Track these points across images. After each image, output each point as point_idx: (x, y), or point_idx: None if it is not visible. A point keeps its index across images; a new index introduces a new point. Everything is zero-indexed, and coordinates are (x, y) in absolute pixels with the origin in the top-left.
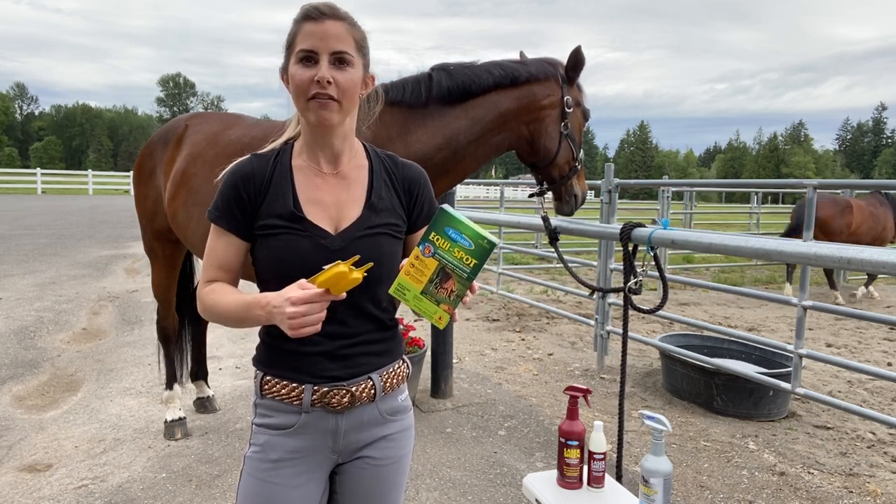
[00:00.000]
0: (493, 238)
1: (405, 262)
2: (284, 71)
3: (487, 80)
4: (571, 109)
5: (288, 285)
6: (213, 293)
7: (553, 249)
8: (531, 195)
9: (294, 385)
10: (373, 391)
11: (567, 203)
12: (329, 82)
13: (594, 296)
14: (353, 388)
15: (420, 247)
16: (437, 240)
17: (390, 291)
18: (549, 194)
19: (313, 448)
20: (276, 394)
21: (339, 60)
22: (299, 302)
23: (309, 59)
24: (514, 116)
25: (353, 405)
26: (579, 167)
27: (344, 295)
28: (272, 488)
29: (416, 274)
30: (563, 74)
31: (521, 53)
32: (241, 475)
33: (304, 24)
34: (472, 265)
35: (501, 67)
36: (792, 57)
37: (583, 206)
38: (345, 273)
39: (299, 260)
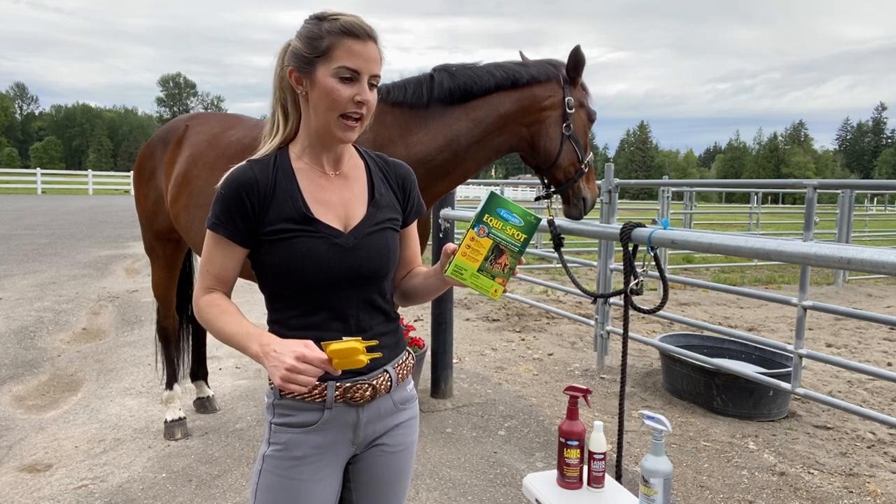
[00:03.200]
0: (539, 214)
1: (450, 246)
2: (303, 72)
3: (489, 82)
4: (573, 110)
5: (301, 288)
6: (215, 307)
7: (555, 252)
8: (538, 198)
9: (317, 383)
10: (389, 383)
11: (575, 206)
12: (365, 104)
13: (595, 303)
14: (374, 382)
15: (474, 229)
16: (491, 220)
17: (447, 273)
18: (557, 197)
19: (335, 442)
20: (297, 393)
21: (372, 83)
22: (304, 360)
23: (352, 78)
24: (514, 118)
25: (374, 398)
26: (586, 170)
27: (339, 372)
28: (297, 484)
29: (472, 254)
30: (564, 76)
31: (521, 54)
32: (259, 473)
33: (347, 39)
34: (522, 240)
35: (503, 69)
36: (795, 56)
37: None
38: (357, 350)
39: (315, 262)
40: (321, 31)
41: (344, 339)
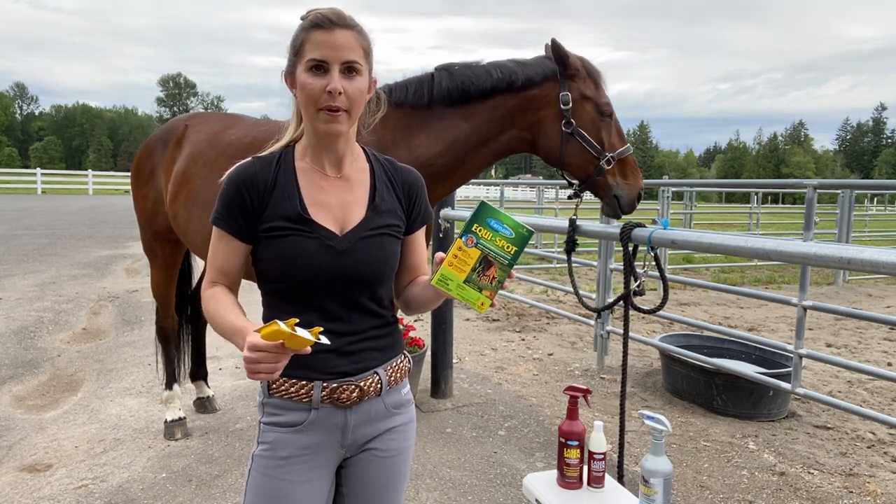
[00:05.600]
0: (531, 227)
1: (440, 255)
2: (290, 75)
3: (486, 83)
4: (570, 105)
5: (293, 287)
6: (214, 301)
7: (554, 252)
8: (569, 197)
9: (303, 383)
10: (379, 385)
11: (608, 204)
12: (340, 93)
13: (597, 303)
14: (362, 383)
15: (462, 238)
16: (480, 231)
17: (433, 283)
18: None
19: (323, 443)
20: (284, 392)
21: (349, 70)
22: (253, 349)
23: (319, 68)
24: (511, 121)
25: (362, 400)
26: (607, 165)
27: (308, 350)
28: (283, 485)
29: (459, 264)
30: (561, 70)
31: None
32: (248, 473)
33: (313, 31)
34: (512, 252)
35: (500, 69)
36: (795, 56)
37: (582, 206)
38: (281, 332)
39: (306, 261)
40: (297, 30)
41: (277, 322)
